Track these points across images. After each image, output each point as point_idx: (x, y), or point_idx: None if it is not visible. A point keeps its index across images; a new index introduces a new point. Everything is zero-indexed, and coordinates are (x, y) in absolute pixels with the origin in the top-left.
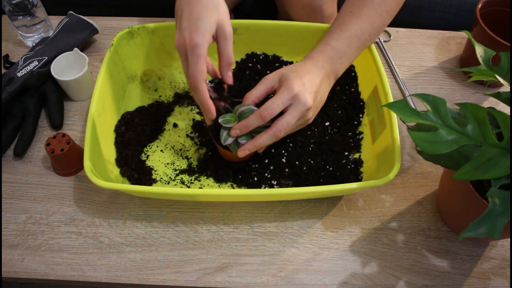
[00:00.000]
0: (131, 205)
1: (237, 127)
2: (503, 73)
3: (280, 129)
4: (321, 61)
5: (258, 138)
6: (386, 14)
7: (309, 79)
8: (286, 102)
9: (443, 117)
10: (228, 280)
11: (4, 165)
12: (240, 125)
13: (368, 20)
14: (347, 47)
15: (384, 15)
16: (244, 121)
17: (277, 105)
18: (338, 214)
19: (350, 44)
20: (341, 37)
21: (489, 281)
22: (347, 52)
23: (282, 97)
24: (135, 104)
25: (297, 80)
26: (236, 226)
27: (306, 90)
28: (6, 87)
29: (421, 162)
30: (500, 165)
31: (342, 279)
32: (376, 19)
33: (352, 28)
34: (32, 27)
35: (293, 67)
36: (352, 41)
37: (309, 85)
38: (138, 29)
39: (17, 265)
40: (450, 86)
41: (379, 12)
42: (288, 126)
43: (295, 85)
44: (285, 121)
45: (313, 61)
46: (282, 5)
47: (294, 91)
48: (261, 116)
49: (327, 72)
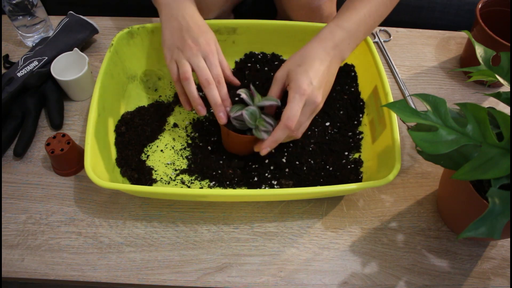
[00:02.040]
0: (131, 205)
1: (267, 144)
2: (503, 73)
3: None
4: (330, 42)
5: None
6: (390, 2)
7: (315, 72)
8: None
9: (443, 117)
10: (228, 280)
11: (4, 165)
12: (269, 143)
13: (376, 6)
14: (356, 30)
15: (387, 3)
16: (272, 138)
17: (296, 111)
18: (338, 214)
19: (359, 27)
20: (351, 19)
21: (489, 281)
22: (355, 34)
23: (298, 103)
24: (135, 104)
25: (304, 79)
26: (236, 226)
27: (314, 87)
28: (6, 87)
29: (421, 162)
30: (500, 165)
31: (342, 279)
32: (381, 6)
33: (361, 11)
34: (32, 27)
35: (299, 58)
36: (360, 24)
37: (316, 80)
38: (138, 29)
39: (17, 265)
40: (450, 86)
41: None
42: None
43: (304, 85)
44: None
45: (321, 44)
46: (281, 5)
47: (305, 94)
48: (287, 127)
49: (335, 54)
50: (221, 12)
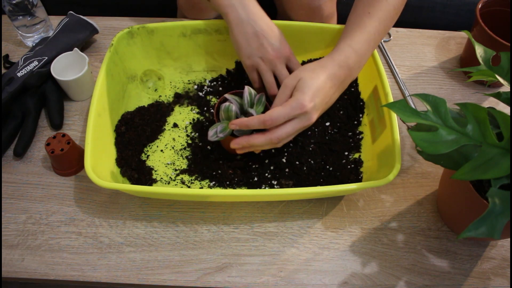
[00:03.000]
0: (131, 205)
1: (237, 122)
2: (503, 73)
3: (278, 137)
4: (344, 65)
5: (255, 138)
6: (395, 15)
7: (323, 93)
8: (293, 116)
9: (443, 117)
10: (228, 280)
11: (4, 165)
12: (240, 121)
13: (383, 22)
14: (366, 49)
15: (394, 16)
16: (245, 120)
17: (282, 118)
18: (338, 214)
19: (369, 46)
20: (362, 40)
21: (489, 281)
22: (366, 54)
23: (290, 111)
24: (135, 104)
25: (309, 95)
26: (236, 226)
27: (315, 107)
28: (6, 87)
29: (421, 162)
30: (500, 165)
31: (342, 279)
32: (388, 20)
33: (371, 29)
34: (32, 27)
35: (312, 69)
36: (370, 43)
37: (320, 101)
38: (138, 29)
39: (17, 265)
40: (450, 86)
41: (392, 14)
42: (287, 136)
43: (306, 101)
44: (284, 131)
45: (335, 64)
46: (282, 5)
47: (303, 109)
48: (264, 123)
49: (345, 77)
50: None
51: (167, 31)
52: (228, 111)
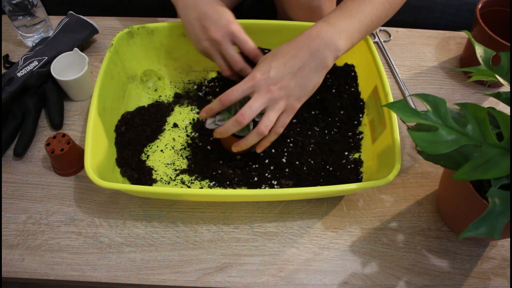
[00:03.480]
0: (131, 205)
1: (203, 109)
2: (503, 73)
3: (243, 114)
4: (314, 35)
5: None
6: (389, 4)
7: (282, 62)
8: (246, 89)
9: (443, 117)
10: (228, 280)
11: (4, 165)
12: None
13: (371, 6)
14: (347, 25)
15: (386, 5)
16: (207, 105)
17: (236, 91)
18: (338, 214)
19: (351, 23)
20: (341, 16)
21: (489, 281)
22: (347, 29)
23: (243, 84)
24: (135, 104)
25: (264, 67)
26: (236, 226)
27: (270, 77)
28: (6, 87)
29: (421, 162)
30: (500, 165)
31: (342, 279)
32: (379, 6)
33: (353, 9)
34: (32, 27)
35: (278, 49)
36: (352, 20)
37: (277, 70)
38: (138, 29)
39: (17, 265)
40: (450, 86)
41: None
42: (251, 110)
43: (258, 72)
44: (248, 107)
45: (303, 37)
46: (282, 5)
47: (254, 79)
48: (220, 101)
49: (318, 48)
50: None
51: (167, 31)
52: None
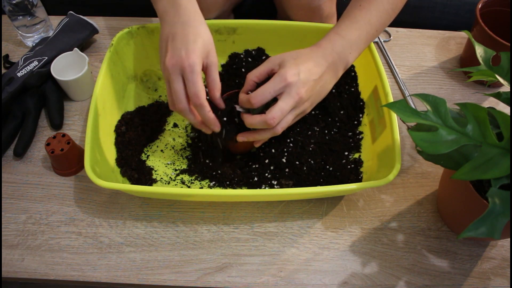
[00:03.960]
0: (131, 205)
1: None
2: (503, 73)
3: (274, 117)
4: (329, 49)
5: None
6: (392, 10)
7: (307, 67)
8: (278, 90)
9: (443, 117)
10: (228, 280)
11: (4, 165)
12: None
13: (376, 15)
14: (357, 38)
15: (390, 12)
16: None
17: (268, 92)
18: (338, 214)
19: (360, 35)
20: (351, 28)
21: (489, 281)
22: (357, 43)
23: (274, 85)
24: (135, 104)
25: (292, 69)
26: (236, 226)
27: (300, 80)
28: (6, 87)
29: (421, 162)
30: (500, 165)
31: (342, 279)
32: (383, 14)
33: (361, 20)
34: (32, 27)
35: (296, 53)
36: (361, 33)
37: (306, 74)
38: (138, 29)
39: (17, 265)
40: (450, 86)
41: (387, 8)
42: (282, 113)
43: (289, 73)
44: (278, 108)
45: (320, 49)
46: (281, 5)
47: (286, 80)
48: (251, 103)
49: (334, 61)
50: (221, 12)
51: None
52: None
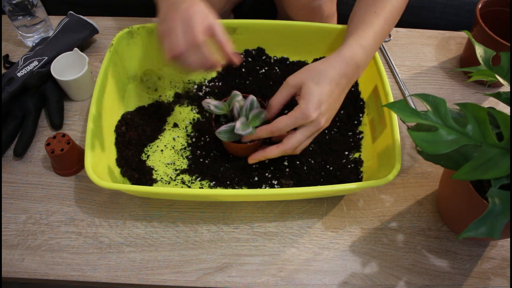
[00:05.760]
0: (131, 205)
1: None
2: (503, 73)
3: (291, 147)
4: (351, 62)
5: (270, 152)
6: (397, 15)
7: (328, 93)
8: (299, 124)
9: (443, 117)
10: (228, 280)
11: (4, 165)
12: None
13: (388, 21)
14: (373, 47)
15: (396, 16)
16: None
17: (288, 127)
18: (338, 214)
19: (375, 44)
20: (369, 37)
21: (489, 281)
22: (372, 52)
23: (295, 121)
24: (135, 104)
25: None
26: (236, 226)
27: (321, 113)
28: (6, 87)
29: (421, 162)
30: (500, 165)
31: (342, 279)
32: (392, 19)
33: (377, 28)
34: (32, 27)
35: (317, 73)
36: (377, 41)
37: (327, 105)
38: (138, 29)
39: (17, 265)
40: (450, 86)
41: (395, 15)
42: (299, 143)
43: (310, 111)
44: (296, 140)
45: (342, 63)
46: (282, 5)
47: (309, 118)
48: (272, 132)
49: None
50: (221, 12)
51: None
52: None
